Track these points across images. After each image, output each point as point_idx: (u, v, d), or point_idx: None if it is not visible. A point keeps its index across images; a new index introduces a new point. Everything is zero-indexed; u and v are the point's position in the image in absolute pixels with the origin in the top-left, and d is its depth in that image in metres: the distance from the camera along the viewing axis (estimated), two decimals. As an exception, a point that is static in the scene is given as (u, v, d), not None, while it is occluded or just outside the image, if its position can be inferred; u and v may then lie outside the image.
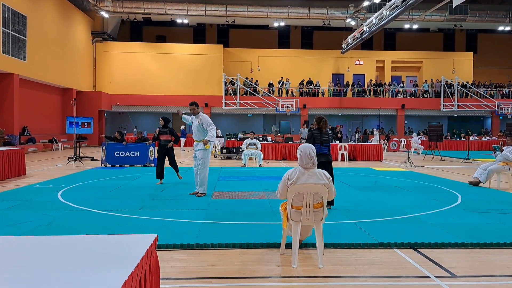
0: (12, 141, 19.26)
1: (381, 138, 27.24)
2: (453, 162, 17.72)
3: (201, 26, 35.70)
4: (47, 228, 5.52)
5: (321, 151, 6.81)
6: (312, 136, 6.95)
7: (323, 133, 6.96)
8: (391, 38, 37.47)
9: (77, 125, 16.67)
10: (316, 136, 6.91)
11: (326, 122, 7.05)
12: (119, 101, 30.66)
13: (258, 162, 15.25)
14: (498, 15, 29.55)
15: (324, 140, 6.94)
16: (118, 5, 28.09)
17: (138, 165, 14.34)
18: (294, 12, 29.25)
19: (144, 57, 31.37)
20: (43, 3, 23.10)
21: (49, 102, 25.30)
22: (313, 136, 6.93)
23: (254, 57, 33.69)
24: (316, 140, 6.87)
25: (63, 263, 2.12)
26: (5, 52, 19.21)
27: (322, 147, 6.91)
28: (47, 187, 9.20)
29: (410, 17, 28.69)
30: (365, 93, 32.67)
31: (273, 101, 30.79)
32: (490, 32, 36.53)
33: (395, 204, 7.44)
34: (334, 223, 5.81)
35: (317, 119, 7.07)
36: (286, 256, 4.50)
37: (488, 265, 4.35)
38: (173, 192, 8.66)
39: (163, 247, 4.71)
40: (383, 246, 4.87)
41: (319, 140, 6.89)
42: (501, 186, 9.78)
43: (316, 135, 6.92)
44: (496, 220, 6.18)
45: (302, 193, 4.27)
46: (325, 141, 6.95)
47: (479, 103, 32.25)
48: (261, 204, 7.34)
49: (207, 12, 28.94)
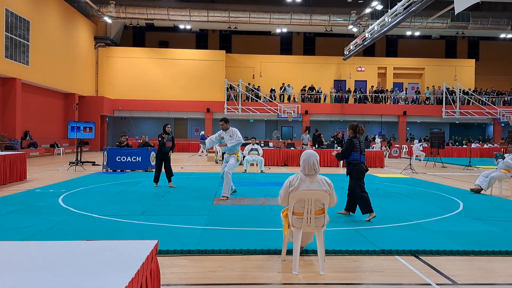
0: (14, 145, 19.29)
1: (383, 145, 27.23)
2: (455, 169, 17.69)
3: (203, 32, 35.83)
4: (48, 233, 5.51)
5: (361, 160, 6.76)
6: (351, 144, 6.73)
7: (361, 141, 6.84)
8: (393, 44, 37.55)
9: (79, 129, 16.71)
10: (356, 145, 6.72)
11: (362, 130, 6.89)
12: (121, 106, 30.74)
13: (260, 168, 15.24)
14: (500, 23, 29.60)
15: (363, 149, 6.83)
16: (121, 10, 28.26)
17: (139, 170, 14.33)
18: (297, 18, 29.36)
19: (147, 62, 31.47)
20: (47, 8, 23.23)
21: (51, 107, 25.36)
22: (353, 145, 6.73)
23: (256, 63, 33.78)
24: (356, 149, 6.73)
25: (64, 269, 2.11)
26: (8, 56, 19.28)
27: (362, 155, 6.79)
28: (48, 191, 9.20)
29: (412, 24, 28.77)
30: (367, 99, 32.68)
31: (275, 107, 30.82)
32: (492, 39, 36.61)
33: (396, 211, 7.42)
34: (335, 230, 5.79)
35: (353, 126, 6.86)
36: (287, 262, 4.48)
37: (490, 273, 4.32)
38: (175, 198, 8.65)
39: (164, 252, 4.70)
40: (385, 253, 4.86)
41: (359, 149, 6.75)
42: (503, 193, 9.75)
43: (356, 144, 6.74)
44: (498, 227, 6.15)
45: (303, 199, 4.26)
46: (363, 149, 6.85)
47: (481, 110, 32.23)
48: (262, 210, 7.33)
49: (209, 18, 29.07)
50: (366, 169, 6.84)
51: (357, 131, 6.83)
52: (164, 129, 10.34)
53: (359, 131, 6.82)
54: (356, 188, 6.71)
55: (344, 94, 32.70)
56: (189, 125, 33.90)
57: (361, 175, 6.76)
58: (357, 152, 6.72)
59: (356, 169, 6.75)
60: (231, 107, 30.76)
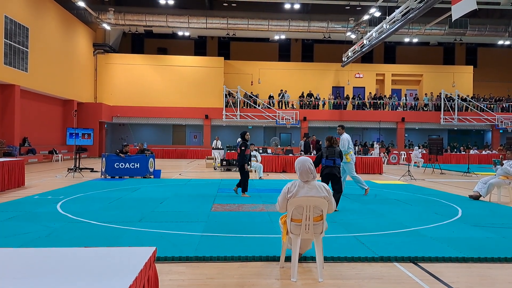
0: (12, 152, 19.26)
1: (381, 151, 27.24)
2: (453, 176, 17.70)
3: (202, 39, 35.94)
4: (46, 239, 5.49)
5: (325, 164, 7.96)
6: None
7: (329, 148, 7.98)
8: (391, 51, 37.70)
9: (78, 136, 16.67)
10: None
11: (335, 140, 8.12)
12: (120, 113, 30.75)
13: (258, 175, 15.23)
14: (498, 29, 29.79)
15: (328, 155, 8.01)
16: (120, 17, 28.36)
17: (138, 176, 14.31)
18: (295, 25, 29.49)
19: (145, 69, 31.53)
20: (46, 15, 23.30)
21: (50, 113, 25.36)
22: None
23: (255, 69, 33.86)
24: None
25: (61, 276, 2.11)
26: (7, 63, 19.31)
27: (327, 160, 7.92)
28: (46, 198, 9.17)
29: (410, 30, 28.91)
30: (365, 106, 32.75)
31: (273, 113, 30.86)
32: (489, 46, 36.80)
33: (395, 218, 7.42)
34: (334, 237, 5.78)
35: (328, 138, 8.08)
36: (285, 269, 4.47)
37: (489, 280, 4.31)
38: (173, 204, 8.64)
39: (162, 259, 4.69)
40: (383, 260, 4.85)
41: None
42: (502, 200, 9.74)
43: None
44: (497, 234, 6.15)
45: (302, 206, 4.25)
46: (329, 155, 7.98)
47: (479, 117, 32.30)
48: (260, 217, 7.32)
49: (208, 25, 29.19)
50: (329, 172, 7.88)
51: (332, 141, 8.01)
52: (244, 136, 10.02)
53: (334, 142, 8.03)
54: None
55: (343, 101, 32.77)
56: (188, 131, 33.92)
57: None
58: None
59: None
60: (229, 114, 30.80)
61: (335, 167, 7.76)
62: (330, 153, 7.79)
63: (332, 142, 7.94)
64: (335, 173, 7.73)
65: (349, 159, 9.65)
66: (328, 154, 7.80)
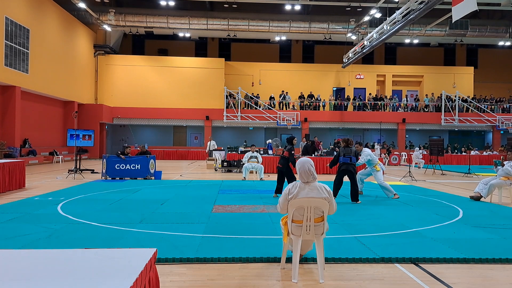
0: (13, 153, 19.27)
1: (382, 152, 27.23)
2: (454, 177, 17.68)
3: (203, 40, 35.97)
4: (46, 241, 5.49)
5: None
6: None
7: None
8: (392, 52, 37.69)
9: (78, 137, 16.69)
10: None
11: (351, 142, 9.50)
12: (120, 114, 30.74)
13: (259, 176, 15.21)
14: (498, 30, 29.78)
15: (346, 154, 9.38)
16: (120, 18, 28.39)
17: (138, 177, 14.31)
18: (296, 26, 29.50)
19: (146, 70, 31.54)
20: (46, 17, 23.32)
21: (51, 115, 25.38)
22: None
23: (256, 70, 33.86)
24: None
25: (62, 277, 2.10)
26: (7, 64, 19.33)
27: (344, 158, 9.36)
28: (47, 199, 9.17)
29: (410, 32, 28.92)
30: (366, 107, 32.74)
31: (274, 114, 30.85)
32: (490, 47, 36.79)
33: (396, 219, 7.41)
34: (335, 238, 5.77)
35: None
36: (286, 270, 4.47)
37: (490, 281, 4.31)
38: (174, 205, 8.63)
39: (163, 260, 4.68)
40: (384, 261, 4.84)
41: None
42: (503, 201, 9.74)
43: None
44: (498, 235, 6.14)
45: (302, 207, 4.25)
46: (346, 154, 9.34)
47: (480, 118, 32.27)
48: (261, 218, 7.31)
49: (209, 26, 29.21)
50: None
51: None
52: (292, 141, 10.25)
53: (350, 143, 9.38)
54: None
55: (343, 102, 32.76)
56: (188, 132, 33.93)
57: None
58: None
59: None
60: (230, 115, 30.79)
61: (351, 164, 9.15)
62: (347, 152, 9.23)
63: (348, 143, 9.34)
64: (350, 170, 9.15)
65: (378, 169, 10.17)
66: (345, 153, 9.22)
